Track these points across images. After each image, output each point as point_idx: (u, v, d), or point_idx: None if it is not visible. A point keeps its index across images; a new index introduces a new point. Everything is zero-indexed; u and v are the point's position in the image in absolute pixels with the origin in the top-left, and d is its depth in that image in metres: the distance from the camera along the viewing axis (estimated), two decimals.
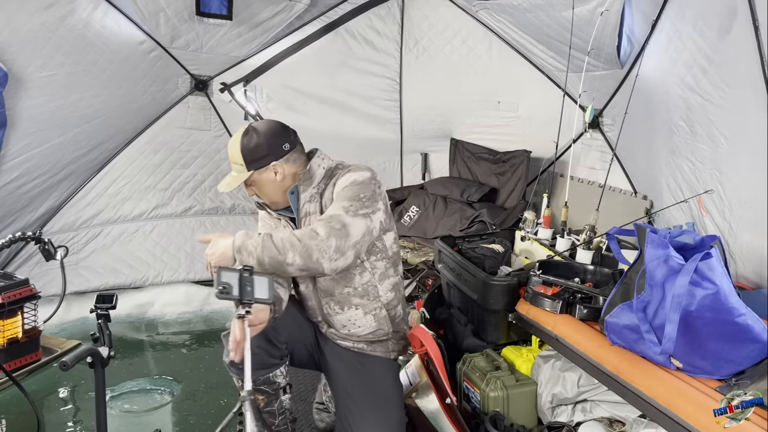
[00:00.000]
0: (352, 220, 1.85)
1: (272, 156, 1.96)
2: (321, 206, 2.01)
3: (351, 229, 1.83)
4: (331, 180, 2.03)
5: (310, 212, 2.02)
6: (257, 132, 1.97)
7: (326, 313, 2.13)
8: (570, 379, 2.10)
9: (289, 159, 2.00)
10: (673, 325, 1.64)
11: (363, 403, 2.03)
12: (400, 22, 4.05)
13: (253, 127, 1.99)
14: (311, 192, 2.02)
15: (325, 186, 2.03)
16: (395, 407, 2.06)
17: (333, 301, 2.09)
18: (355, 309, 2.09)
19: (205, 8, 3.47)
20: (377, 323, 2.12)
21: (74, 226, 3.90)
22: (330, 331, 2.15)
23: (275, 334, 1.97)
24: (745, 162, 2.21)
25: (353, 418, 2.01)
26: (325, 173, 2.03)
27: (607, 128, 3.50)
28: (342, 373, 2.12)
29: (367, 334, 2.13)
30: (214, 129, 4.17)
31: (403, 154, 4.55)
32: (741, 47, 2.04)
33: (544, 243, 2.86)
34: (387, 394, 2.08)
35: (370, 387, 2.07)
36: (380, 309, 2.11)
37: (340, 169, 2.05)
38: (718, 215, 2.37)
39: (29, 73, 3.11)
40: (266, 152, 1.96)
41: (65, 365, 1.54)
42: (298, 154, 2.04)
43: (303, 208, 2.02)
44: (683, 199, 2.58)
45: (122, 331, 3.54)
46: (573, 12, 2.82)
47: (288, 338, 2.06)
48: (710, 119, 2.32)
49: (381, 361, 2.15)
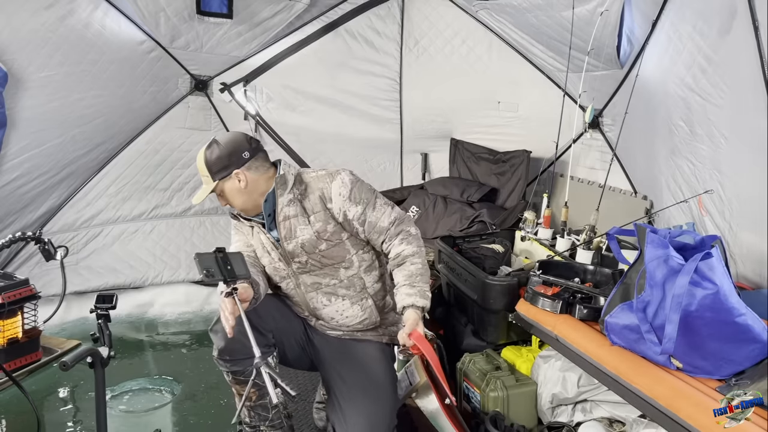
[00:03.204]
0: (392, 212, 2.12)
1: (234, 165, 2.06)
2: (304, 210, 2.09)
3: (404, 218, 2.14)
4: (304, 186, 2.12)
5: (289, 215, 2.09)
6: (219, 144, 2.08)
7: (313, 307, 2.18)
8: (570, 379, 2.10)
9: (251, 166, 2.08)
10: (673, 325, 1.64)
11: (354, 380, 2.07)
12: (400, 22, 4.05)
13: (215, 140, 2.11)
14: (288, 197, 2.09)
15: (300, 192, 2.11)
16: (386, 383, 2.10)
17: (320, 294, 2.15)
18: (342, 300, 2.15)
19: (206, 7, 3.47)
20: (364, 313, 2.18)
21: (74, 226, 3.90)
22: (319, 323, 2.22)
23: (260, 321, 2.02)
24: (745, 162, 2.21)
25: (344, 398, 2.05)
26: (294, 179, 2.12)
27: (607, 128, 3.50)
28: (333, 356, 2.17)
29: (356, 324, 2.18)
30: (214, 129, 4.16)
31: (403, 154, 4.54)
32: (741, 47, 2.04)
33: (544, 243, 2.86)
34: (378, 369, 2.11)
35: (362, 365, 2.12)
36: (366, 299, 2.18)
37: (310, 175, 2.15)
38: (718, 215, 2.37)
39: (29, 73, 3.11)
40: (227, 162, 2.06)
41: (65, 365, 1.54)
42: (260, 161, 2.11)
43: (281, 212, 2.09)
44: (683, 199, 2.58)
45: (122, 331, 3.54)
46: (573, 12, 2.83)
47: (274, 326, 2.10)
48: (710, 119, 2.32)
49: (371, 343, 2.21)
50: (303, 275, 2.14)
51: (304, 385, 2.82)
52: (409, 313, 1.95)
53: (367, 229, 2.10)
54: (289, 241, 2.09)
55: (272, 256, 2.14)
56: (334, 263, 2.12)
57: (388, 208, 2.12)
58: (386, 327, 2.25)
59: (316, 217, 2.08)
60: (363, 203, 2.08)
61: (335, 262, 2.12)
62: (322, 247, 2.09)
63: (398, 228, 2.10)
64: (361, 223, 2.09)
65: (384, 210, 2.11)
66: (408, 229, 2.11)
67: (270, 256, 2.15)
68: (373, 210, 2.09)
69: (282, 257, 2.13)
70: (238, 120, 4.13)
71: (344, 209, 2.07)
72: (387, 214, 2.11)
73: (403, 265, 2.06)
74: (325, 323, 2.20)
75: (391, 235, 2.10)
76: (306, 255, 2.10)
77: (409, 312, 1.95)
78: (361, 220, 2.09)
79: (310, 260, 2.11)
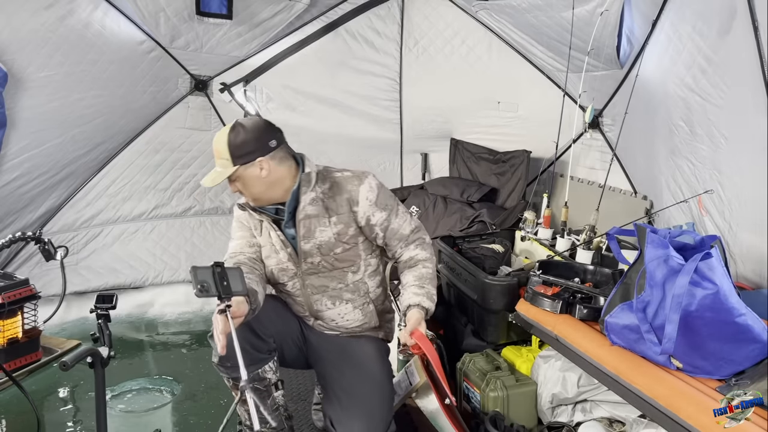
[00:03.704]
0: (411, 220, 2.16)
1: (258, 152, 1.96)
2: (326, 210, 2.05)
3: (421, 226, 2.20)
4: (328, 184, 2.07)
5: (310, 215, 2.04)
6: (244, 128, 1.97)
7: (316, 309, 2.16)
8: (570, 379, 2.10)
9: (275, 156, 2.00)
10: (673, 325, 1.64)
11: (351, 375, 2.09)
12: (400, 22, 4.05)
13: (240, 123, 1.99)
14: (311, 195, 2.04)
15: (324, 191, 2.06)
16: (383, 376, 2.11)
17: (325, 297, 2.14)
18: (346, 304, 2.15)
19: (205, 7, 3.47)
20: (365, 317, 2.19)
21: (74, 226, 3.90)
22: (317, 323, 2.21)
23: (261, 327, 2.00)
24: (745, 162, 2.21)
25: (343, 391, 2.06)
26: (317, 176, 2.07)
27: (607, 128, 3.50)
28: (330, 353, 2.18)
29: (354, 327, 2.19)
30: (214, 129, 4.16)
31: (403, 154, 4.54)
32: (740, 47, 2.04)
33: (544, 243, 2.86)
34: (374, 364, 2.13)
35: (359, 360, 2.13)
36: (368, 304, 2.18)
37: (335, 175, 2.10)
38: (718, 215, 2.37)
39: (29, 73, 3.11)
40: (253, 148, 1.96)
41: (65, 365, 1.54)
42: (284, 152, 2.05)
43: (303, 210, 2.03)
44: (683, 199, 2.58)
45: (122, 331, 3.54)
46: (573, 12, 2.83)
47: (275, 331, 2.09)
48: (710, 119, 2.32)
49: (368, 339, 2.22)
50: (311, 276, 2.10)
51: (303, 385, 2.82)
52: (413, 312, 1.95)
53: (388, 235, 2.10)
54: (307, 241, 2.04)
55: (280, 256, 2.09)
56: (344, 267, 2.10)
57: (408, 216, 2.15)
58: (382, 324, 2.27)
59: (338, 219, 2.05)
60: (387, 209, 2.08)
61: (346, 266, 2.10)
62: (338, 250, 2.07)
63: (416, 235, 2.14)
64: (383, 229, 2.09)
65: (405, 218, 2.13)
66: (424, 237, 2.15)
67: (278, 256, 2.09)
68: (396, 217, 2.10)
69: (291, 257, 2.08)
70: None
71: (368, 214, 2.06)
72: (408, 221, 2.13)
73: (415, 267, 2.07)
74: (324, 324, 2.20)
75: (408, 242, 2.12)
76: (320, 256, 2.07)
77: (414, 311, 1.95)
78: (383, 226, 2.08)
79: (323, 262, 2.08)
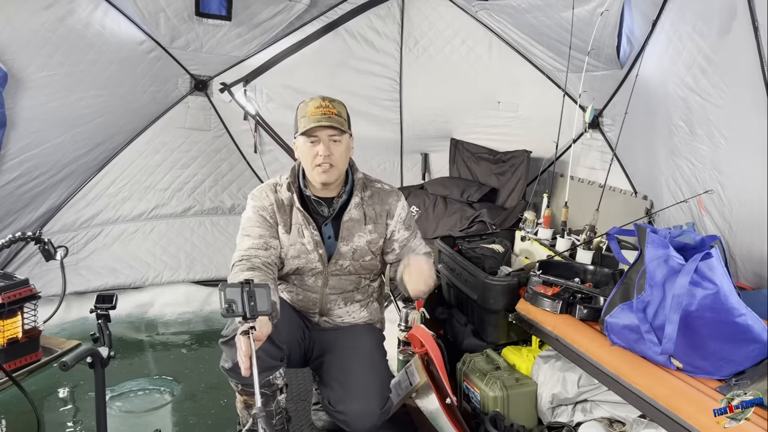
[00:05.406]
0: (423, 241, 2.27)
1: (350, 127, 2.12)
2: (365, 217, 2.14)
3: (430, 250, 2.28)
4: (369, 192, 2.16)
5: (354, 218, 2.12)
6: None
7: (328, 308, 2.23)
8: (570, 379, 2.10)
9: None
10: (673, 325, 1.64)
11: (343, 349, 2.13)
12: (400, 22, 4.05)
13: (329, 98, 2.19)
14: (356, 199, 2.13)
15: (363, 199, 2.14)
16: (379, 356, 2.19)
17: (340, 297, 2.22)
18: (355, 303, 2.27)
19: (205, 8, 3.47)
20: (370, 315, 2.31)
21: (74, 226, 3.90)
22: (323, 319, 2.26)
23: (277, 335, 1.99)
24: (745, 162, 2.21)
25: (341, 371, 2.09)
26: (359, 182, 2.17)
27: (607, 128, 3.50)
28: (326, 344, 2.21)
29: (358, 322, 2.27)
30: (213, 129, 4.17)
31: (403, 154, 4.54)
32: (740, 48, 2.04)
33: (544, 243, 2.86)
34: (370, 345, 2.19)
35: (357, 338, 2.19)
36: (373, 302, 2.33)
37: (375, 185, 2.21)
38: (718, 215, 2.37)
39: (29, 73, 3.11)
40: (349, 121, 2.13)
41: (65, 365, 1.54)
42: None
43: (349, 212, 2.11)
44: (683, 199, 2.58)
45: (122, 331, 3.53)
46: (573, 12, 2.83)
47: (288, 339, 2.09)
48: (710, 119, 2.32)
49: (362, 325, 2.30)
50: (334, 277, 2.18)
51: (303, 385, 2.82)
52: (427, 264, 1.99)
53: (404, 252, 2.17)
54: (346, 243, 2.11)
55: (311, 256, 2.12)
56: (364, 274, 2.21)
57: (420, 237, 2.26)
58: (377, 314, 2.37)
59: (374, 228, 2.14)
60: (410, 230, 2.22)
61: (365, 273, 2.21)
62: (368, 258, 2.16)
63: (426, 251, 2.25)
64: (401, 246, 2.19)
65: (420, 241, 2.25)
66: (429, 251, 2.27)
67: (309, 256, 2.11)
68: (415, 238, 2.23)
69: (322, 258, 2.12)
70: (238, 120, 4.13)
71: (394, 230, 2.17)
72: (423, 245, 2.24)
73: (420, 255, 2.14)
74: (329, 320, 2.26)
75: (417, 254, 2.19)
76: (351, 261, 2.14)
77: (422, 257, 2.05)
78: (402, 243, 2.20)
79: (351, 266, 2.16)
